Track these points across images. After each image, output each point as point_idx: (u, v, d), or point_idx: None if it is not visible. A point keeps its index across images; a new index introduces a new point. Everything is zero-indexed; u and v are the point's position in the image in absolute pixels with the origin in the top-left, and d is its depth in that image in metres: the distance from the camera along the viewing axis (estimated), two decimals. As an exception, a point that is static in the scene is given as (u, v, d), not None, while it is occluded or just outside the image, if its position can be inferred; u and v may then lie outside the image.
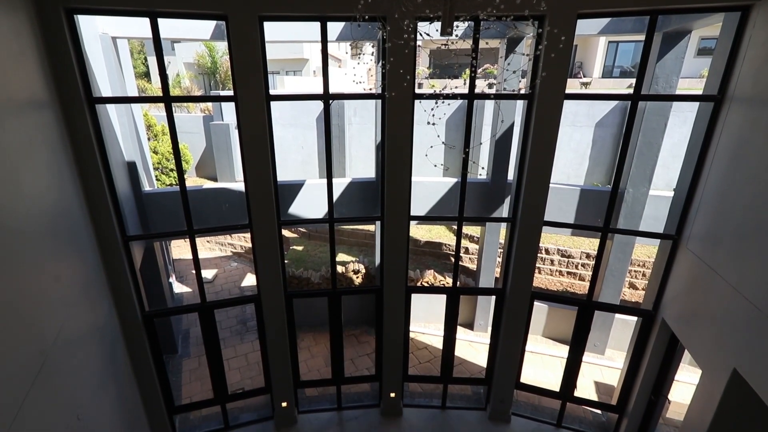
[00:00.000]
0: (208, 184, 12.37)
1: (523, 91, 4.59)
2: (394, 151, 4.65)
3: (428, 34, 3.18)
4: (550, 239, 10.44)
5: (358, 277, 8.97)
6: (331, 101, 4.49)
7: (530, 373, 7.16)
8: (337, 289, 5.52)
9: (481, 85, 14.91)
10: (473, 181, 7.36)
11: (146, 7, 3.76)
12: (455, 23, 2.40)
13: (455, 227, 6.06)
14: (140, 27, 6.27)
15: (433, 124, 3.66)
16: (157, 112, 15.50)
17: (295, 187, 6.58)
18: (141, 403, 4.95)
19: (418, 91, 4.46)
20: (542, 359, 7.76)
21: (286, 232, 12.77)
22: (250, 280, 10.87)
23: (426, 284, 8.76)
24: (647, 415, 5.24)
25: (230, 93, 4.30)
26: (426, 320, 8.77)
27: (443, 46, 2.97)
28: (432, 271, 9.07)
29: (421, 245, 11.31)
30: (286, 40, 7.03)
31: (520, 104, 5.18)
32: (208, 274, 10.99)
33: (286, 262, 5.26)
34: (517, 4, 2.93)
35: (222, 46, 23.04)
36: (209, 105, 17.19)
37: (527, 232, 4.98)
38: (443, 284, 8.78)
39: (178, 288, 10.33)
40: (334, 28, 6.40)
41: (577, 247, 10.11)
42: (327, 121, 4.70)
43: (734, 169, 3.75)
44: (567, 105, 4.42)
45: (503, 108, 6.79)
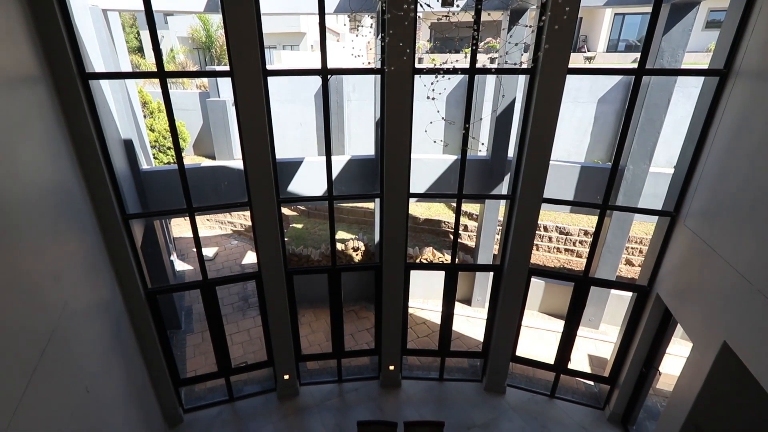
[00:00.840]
0: (207, 162, 12.27)
1: (525, 66, 4.49)
2: (394, 128, 4.60)
3: (429, 5, 3.09)
4: (548, 216, 10.49)
5: (357, 255, 9.06)
6: (329, 76, 4.40)
7: (526, 347, 7.35)
8: (337, 266, 5.58)
9: (483, 60, 14.59)
10: (473, 158, 7.32)
11: (136, -23, 3.64)
12: (456, -7, 2.33)
13: (454, 205, 6.07)
14: (131, -2, 6.07)
15: (433, 99, 3.61)
16: (153, 88, 15.19)
17: (293, 165, 6.55)
18: (147, 376, 5.10)
19: (418, 65, 4.36)
20: (538, 333, 7.94)
21: (285, 210, 12.79)
22: (251, 258, 10.98)
23: (425, 261, 8.85)
24: (638, 386, 5.42)
25: (226, 68, 4.21)
26: (425, 296, 8.91)
27: (444, 18, 2.89)
28: (431, 248, 9.15)
29: (421, 223, 11.35)
30: (283, 13, 6.82)
31: (522, 79, 5.09)
32: (208, 252, 11.08)
33: (285, 240, 5.30)
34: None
35: (216, 19, 22.35)
36: (205, 81, 16.84)
37: (526, 210, 5.00)
38: (442, 261, 8.88)
39: (180, 266, 10.44)
40: (332, 0, 6.20)
41: (576, 224, 10.17)
42: (325, 97, 4.62)
43: (735, 146, 3.73)
44: (570, 80, 4.35)
45: (505, 83, 6.68)
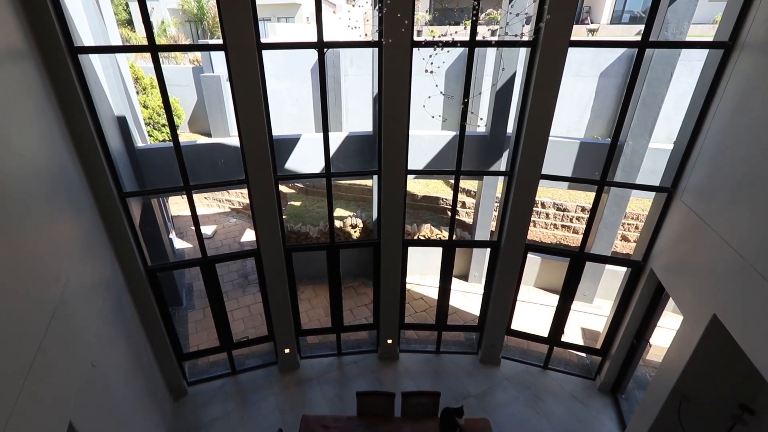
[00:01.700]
0: (202, 140, 12.12)
1: (526, 38, 4.39)
2: (392, 103, 4.53)
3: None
4: (546, 193, 10.50)
5: (355, 232, 9.11)
6: (325, 50, 4.29)
7: (521, 321, 7.52)
8: (336, 243, 5.62)
9: (484, 32, 14.19)
10: (472, 134, 7.24)
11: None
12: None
13: (453, 182, 6.06)
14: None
15: (432, 72, 3.54)
16: (144, 63, 14.79)
17: (290, 142, 6.47)
18: (151, 351, 5.22)
19: (416, 38, 4.25)
20: (533, 308, 8.11)
21: (283, 188, 12.75)
22: (250, 236, 11.03)
23: (423, 238, 8.91)
24: (628, 358, 5.59)
25: (219, 42, 4.09)
26: (422, 272, 9.03)
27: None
28: (429, 225, 9.19)
29: (419, 200, 11.36)
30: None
31: (523, 52, 4.98)
32: (207, 230, 11.11)
33: (284, 217, 5.31)
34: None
35: (207, -11, 21.52)
36: (198, 55, 16.39)
37: (524, 186, 5.00)
38: (439, 238, 8.94)
39: (179, 244, 10.49)
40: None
41: (573, 200, 10.19)
42: (322, 71, 4.52)
43: (736, 121, 3.70)
44: (571, 53, 4.25)
45: (505, 56, 6.53)
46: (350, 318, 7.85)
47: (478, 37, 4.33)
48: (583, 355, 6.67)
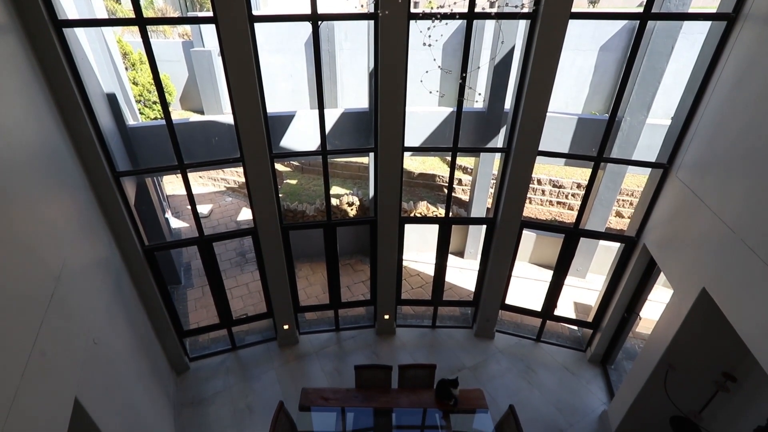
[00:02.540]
0: (195, 117, 11.89)
1: (526, 10, 4.27)
2: (388, 79, 4.44)
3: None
4: (542, 170, 10.49)
5: (352, 209, 9.12)
6: (320, 22, 4.16)
7: (515, 295, 7.67)
8: (332, 221, 5.64)
9: (483, 3, 13.77)
10: (469, 110, 7.15)
11: None
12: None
13: (449, 159, 6.03)
14: (98, -67, 5.53)
15: (429, 45, 3.46)
16: (132, 38, 14.31)
17: (285, 119, 6.37)
18: (152, 329, 5.31)
19: (413, 10, 4.13)
20: (527, 283, 8.26)
21: (279, 166, 12.64)
22: (246, 215, 11.01)
23: (419, 215, 8.95)
24: (619, 330, 5.75)
25: (209, 14, 3.95)
26: (419, 249, 9.12)
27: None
28: (425, 202, 9.21)
29: (415, 177, 11.33)
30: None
31: (522, 25, 4.86)
32: (203, 209, 11.08)
33: (280, 195, 5.29)
34: None
35: (194, -43, 20.56)
36: (188, 29, 15.83)
37: (521, 163, 4.99)
38: (436, 215, 8.98)
39: (175, 223, 10.47)
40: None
41: (569, 177, 10.20)
42: (316, 45, 4.40)
43: (735, 95, 3.67)
44: (571, 26, 4.16)
45: (504, 29, 6.37)
46: (347, 294, 7.97)
47: (477, 9, 4.22)
48: (575, 328, 6.85)
